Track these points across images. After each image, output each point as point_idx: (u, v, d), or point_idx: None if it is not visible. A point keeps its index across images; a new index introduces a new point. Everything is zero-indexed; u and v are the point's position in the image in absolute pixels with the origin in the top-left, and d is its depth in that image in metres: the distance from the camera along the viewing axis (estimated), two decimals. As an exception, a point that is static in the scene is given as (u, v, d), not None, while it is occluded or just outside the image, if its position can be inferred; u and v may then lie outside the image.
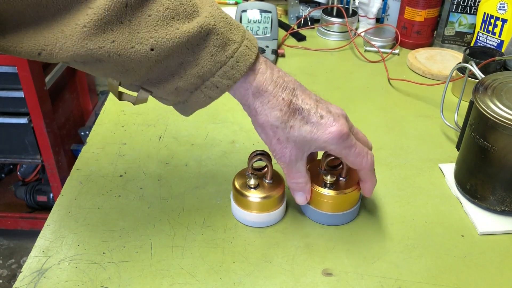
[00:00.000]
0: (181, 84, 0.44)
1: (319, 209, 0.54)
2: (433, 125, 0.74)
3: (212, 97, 0.46)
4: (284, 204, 0.55)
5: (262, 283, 0.48)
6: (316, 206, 0.54)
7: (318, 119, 0.47)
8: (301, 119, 0.47)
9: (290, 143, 0.47)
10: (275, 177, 0.55)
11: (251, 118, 0.48)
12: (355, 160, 0.49)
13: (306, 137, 0.47)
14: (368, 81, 0.87)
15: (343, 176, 0.54)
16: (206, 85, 0.45)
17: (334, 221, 0.55)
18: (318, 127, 0.47)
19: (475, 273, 0.50)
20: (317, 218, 0.55)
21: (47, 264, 0.49)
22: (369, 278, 0.49)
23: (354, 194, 0.54)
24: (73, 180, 0.61)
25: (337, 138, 0.47)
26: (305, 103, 0.47)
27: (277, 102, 0.46)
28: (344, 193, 0.53)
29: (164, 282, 0.48)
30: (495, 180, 0.55)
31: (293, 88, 0.47)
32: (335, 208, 0.54)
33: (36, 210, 1.67)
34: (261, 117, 0.47)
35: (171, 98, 0.46)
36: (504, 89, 0.55)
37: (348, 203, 0.54)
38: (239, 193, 0.53)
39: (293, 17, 1.10)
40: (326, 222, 0.55)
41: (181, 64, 0.43)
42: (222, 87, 0.45)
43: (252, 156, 0.52)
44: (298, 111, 0.47)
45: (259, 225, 0.55)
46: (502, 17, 0.84)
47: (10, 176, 1.78)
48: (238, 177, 0.55)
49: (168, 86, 0.44)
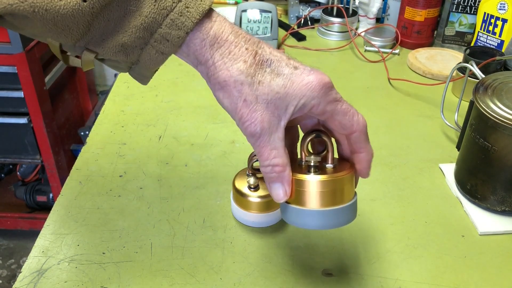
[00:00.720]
0: (126, 39, 0.38)
1: (303, 207, 0.40)
2: (433, 125, 0.74)
3: (165, 52, 0.39)
4: None
5: (262, 283, 0.48)
6: (298, 202, 0.40)
7: (291, 69, 0.39)
8: (271, 72, 0.38)
9: (261, 104, 0.38)
10: None
11: (210, 81, 0.39)
12: (343, 119, 0.39)
13: (279, 93, 0.38)
14: (368, 81, 0.87)
15: (330, 163, 0.42)
16: (155, 38, 0.38)
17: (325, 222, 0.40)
18: (292, 79, 0.39)
19: (475, 273, 0.50)
20: (302, 221, 0.40)
21: (47, 264, 0.49)
22: (369, 278, 0.49)
23: (348, 179, 0.40)
24: (73, 180, 0.61)
25: (318, 89, 0.38)
26: (273, 55, 0.39)
27: (240, 52, 0.38)
28: (335, 176, 0.40)
29: (164, 282, 0.48)
30: (496, 180, 0.55)
31: (257, 41, 0.40)
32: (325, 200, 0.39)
33: (36, 210, 1.67)
34: (222, 72, 0.38)
35: (121, 59, 0.39)
36: (505, 89, 0.55)
37: (342, 192, 0.40)
38: (239, 193, 0.53)
39: (293, 17, 1.10)
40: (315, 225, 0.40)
41: (123, 16, 0.37)
42: (173, 40, 0.38)
43: (252, 156, 0.52)
44: (266, 62, 0.39)
45: (259, 225, 0.54)
46: (502, 17, 0.84)
47: (10, 176, 1.78)
48: (238, 177, 0.55)
49: (113, 43, 0.38)
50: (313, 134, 0.41)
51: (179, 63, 0.91)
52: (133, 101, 0.78)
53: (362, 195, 0.60)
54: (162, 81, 0.85)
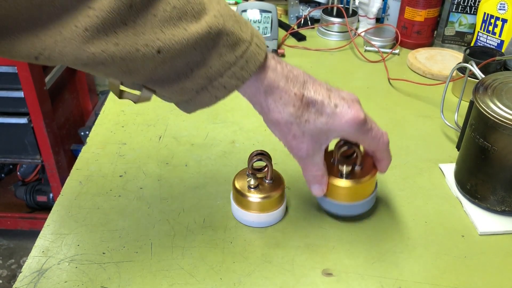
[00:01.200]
0: (187, 84, 0.42)
1: (336, 201, 0.54)
2: (433, 125, 0.74)
3: (219, 96, 0.44)
4: (284, 204, 0.55)
5: (262, 283, 0.48)
6: (333, 197, 0.54)
7: (332, 109, 0.45)
8: (316, 112, 0.45)
9: (306, 137, 0.46)
10: (275, 177, 0.55)
11: (263, 117, 0.47)
12: (371, 143, 0.49)
13: (322, 129, 0.46)
14: (368, 81, 0.87)
15: (358, 165, 0.53)
16: (213, 85, 0.43)
17: (351, 211, 0.55)
18: (333, 117, 0.45)
19: (475, 273, 0.50)
20: (335, 210, 0.55)
21: (47, 264, 0.49)
22: (369, 278, 0.49)
23: (371, 182, 0.54)
24: (73, 180, 0.61)
25: (354, 126, 0.46)
26: (318, 94, 0.45)
27: (290, 98, 0.45)
28: (360, 182, 0.52)
29: (164, 282, 0.48)
30: (495, 180, 0.55)
31: (303, 81, 0.46)
32: (352, 198, 0.53)
33: (36, 210, 1.67)
34: (275, 114, 0.45)
35: (175, 97, 0.44)
36: (504, 89, 0.55)
37: (365, 192, 0.54)
38: (239, 193, 0.53)
39: (293, 17, 1.10)
40: (344, 213, 0.55)
41: (187, 64, 0.41)
42: (230, 87, 0.43)
43: (252, 156, 0.52)
44: (312, 103, 0.45)
45: (259, 225, 0.55)
46: (502, 17, 0.84)
47: (10, 176, 1.78)
48: (238, 177, 0.55)
49: (174, 86, 0.42)
50: (345, 147, 0.51)
51: (179, 63, 0.91)
52: (133, 101, 0.78)
53: (362, 195, 0.60)
54: (162, 81, 0.85)
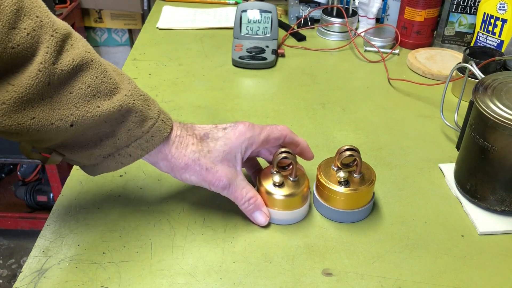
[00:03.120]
0: (95, 151, 0.46)
1: (333, 207, 0.55)
2: (433, 125, 0.74)
3: (124, 163, 0.48)
4: (308, 202, 0.56)
5: (262, 283, 0.48)
6: (330, 203, 0.55)
7: (223, 132, 0.51)
8: (211, 140, 0.50)
9: (217, 165, 0.50)
10: (300, 175, 0.55)
11: (173, 170, 0.50)
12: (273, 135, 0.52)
13: (225, 151, 0.50)
14: (368, 81, 0.87)
15: (357, 174, 0.54)
16: (120, 153, 0.47)
17: (347, 219, 0.55)
18: (227, 137, 0.50)
19: (475, 273, 0.50)
20: (330, 215, 0.56)
21: (47, 264, 0.49)
22: (369, 278, 0.49)
23: (367, 191, 0.54)
24: (73, 180, 0.61)
25: (247, 132, 0.50)
26: (205, 129, 0.51)
27: (187, 140, 0.50)
28: (357, 190, 0.53)
29: (164, 282, 0.48)
30: (495, 180, 0.55)
31: (190, 125, 0.52)
32: (348, 205, 0.54)
33: (36, 210, 1.67)
34: (181, 159, 0.49)
35: (83, 161, 0.48)
36: (504, 89, 0.55)
37: (361, 200, 0.55)
38: (264, 190, 0.54)
39: (293, 17, 1.10)
40: (339, 219, 0.56)
41: (97, 134, 0.45)
42: (135, 156, 0.48)
43: (278, 154, 0.53)
44: (205, 136, 0.51)
45: (283, 223, 0.55)
46: (502, 17, 0.85)
47: (10, 176, 1.78)
48: (263, 175, 0.55)
49: (83, 153, 0.46)
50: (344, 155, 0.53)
51: (179, 63, 0.92)
52: (133, 101, 0.78)
53: (362, 195, 0.60)
54: (162, 81, 0.85)
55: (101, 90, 0.43)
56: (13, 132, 0.39)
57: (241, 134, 0.51)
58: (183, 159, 0.49)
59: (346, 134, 0.72)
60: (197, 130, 0.51)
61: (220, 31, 1.07)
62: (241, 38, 0.96)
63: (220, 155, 0.50)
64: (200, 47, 0.99)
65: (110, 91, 0.44)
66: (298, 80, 0.87)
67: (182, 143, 0.50)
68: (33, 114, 0.39)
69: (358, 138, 0.71)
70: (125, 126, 0.46)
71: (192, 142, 0.50)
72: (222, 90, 0.83)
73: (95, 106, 0.43)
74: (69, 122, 0.41)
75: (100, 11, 1.88)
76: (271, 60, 0.91)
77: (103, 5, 1.83)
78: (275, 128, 0.53)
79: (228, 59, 0.93)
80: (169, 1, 1.22)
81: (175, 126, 0.51)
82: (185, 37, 1.04)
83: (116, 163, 0.48)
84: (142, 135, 0.47)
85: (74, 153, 0.46)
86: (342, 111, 0.77)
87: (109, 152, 0.47)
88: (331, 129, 0.73)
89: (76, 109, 0.42)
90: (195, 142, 0.50)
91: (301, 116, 0.76)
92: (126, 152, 0.47)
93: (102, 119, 0.44)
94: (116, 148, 0.47)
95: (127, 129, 0.46)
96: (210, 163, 0.49)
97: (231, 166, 0.51)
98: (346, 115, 0.76)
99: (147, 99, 0.48)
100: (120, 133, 0.46)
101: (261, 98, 0.81)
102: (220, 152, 0.50)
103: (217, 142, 0.50)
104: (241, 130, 0.51)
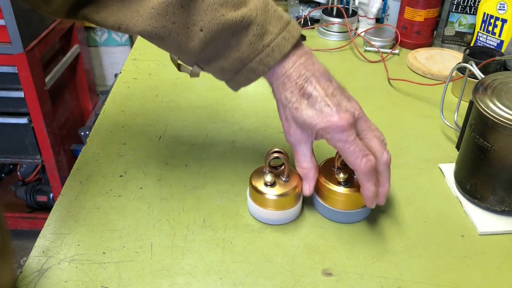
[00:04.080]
0: (225, 65, 0.50)
1: (333, 207, 0.55)
2: (433, 125, 0.74)
3: (251, 78, 0.51)
4: (300, 202, 0.56)
5: (262, 283, 0.48)
6: (330, 204, 0.55)
7: (322, 107, 0.49)
8: (307, 104, 0.49)
9: (294, 123, 0.51)
10: (292, 175, 0.55)
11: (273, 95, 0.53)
12: (349, 158, 0.49)
13: (306, 121, 0.49)
14: (368, 81, 0.87)
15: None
16: (246, 68, 0.50)
17: (346, 219, 0.55)
18: (319, 114, 0.49)
19: (475, 273, 0.50)
20: (329, 216, 0.56)
21: (47, 264, 0.49)
22: (369, 278, 0.49)
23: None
24: (73, 180, 0.61)
25: (332, 128, 0.48)
26: (316, 91, 0.49)
27: (290, 85, 0.50)
28: (356, 191, 0.53)
29: (164, 282, 0.48)
30: (495, 180, 0.55)
31: (312, 75, 0.50)
32: (347, 205, 0.54)
33: (36, 210, 1.67)
34: (277, 94, 0.51)
35: (219, 76, 0.52)
36: (504, 89, 0.55)
37: (361, 201, 0.54)
38: (256, 190, 0.54)
39: (293, 17, 1.10)
40: (338, 220, 0.56)
41: (226, 47, 0.48)
42: (258, 72, 0.50)
43: (269, 154, 0.53)
44: (307, 95, 0.49)
45: (274, 223, 0.55)
46: (502, 17, 0.85)
47: (10, 176, 1.78)
48: (255, 174, 0.55)
49: (216, 66, 0.50)
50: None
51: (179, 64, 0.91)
52: (133, 101, 0.78)
53: (362, 195, 0.60)
54: (162, 81, 0.85)
55: (229, 1, 0.47)
56: (159, 36, 0.46)
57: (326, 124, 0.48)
58: (277, 96, 0.51)
59: (346, 134, 0.72)
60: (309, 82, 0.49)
61: (220, 31, 1.07)
62: (241, 38, 0.96)
63: (300, 120, 0.50)
64: (200, 47, 0.99)
65: (238, 3, 0.47)
66: (298, 80, 0.87)
67: (284, 84, 0.50)
68: (174, 19, 0.45)
69: (358, 138, 0.71)
70: (247, 39, 0.48)
71: (292, 91, 0.50)
72: (222, 90, 0.83)
73: (220, 14, 0.46)
74: (199, 26, 0.46)
75: (100, 11, 1.88)
76: (271, 60, 0.91)
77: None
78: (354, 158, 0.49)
79: (228, 59, 0.93)
80: (169, 1, 1.22)
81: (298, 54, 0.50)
82: (185, 37, 1.03)
83: (245, 79, 0.51)
84: (263, 49, 0.48)
85: (209, 66, 0.51)
86: (342, 111, 0.77)
87: (237, 67, 0.50)
88: (331, 129, 0.73)
89: (205, 15, 0.46)
90: (295, 92, 0.49)
91: (301, 116, 0.76)
92: (250, 68, 0.49)
93: (226, 29, 0.47)
94: (242, 63, 0.49)
95: (249, 43, 0.48)
96: (291, 116, 0.50)
97: (304, 133, 0.51)
98: (346, 115, 0.76)
99: (272, 15, 0.49)
100: (244, 46, 0.48)
101: (261, 98, 0.81)
102: (302, 119, 0.49)
103: (308, 109, 0.49)
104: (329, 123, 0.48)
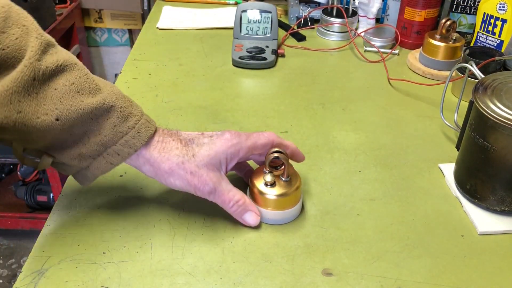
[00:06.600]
0: (84, 150, 0.47)
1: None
2: (433, 125, 0.74)
3: (114, 163, 0.49)
4: (300, 202, 0.56)
5: (262, 283, 0.48)
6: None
7: (208, 138, 0.52)
8: (197, 145, 0.51)
9: (202, 169, 0.50)
10: (292, 175, 0.55)
11: (158, 174, 0.50)
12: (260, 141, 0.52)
13: (210, 154, 0.50)
14: (368, 81, 0.87)
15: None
16: (108, 152, 0.48)
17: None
18: (212, 143, 0.51)
19: (475, 273, 0.50)
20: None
21: (47, 264, 0.49)
22: (369, 278, 0.49)
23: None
24: (73, 180, 0.61)
25: (233, 139, 0.51)
26: (190, 135, 0.52)
27: (171, 145, 0.50)
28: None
29: (164, 282, 0.48)
30: (495, 180, 0.55)
31: (175, 131, 0.52)
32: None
33: (36, 210, 1.67)
34: (164, 164, 0.49)
35: (74, 164, 0.49)
36: (504, 89, 0.55)
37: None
38: (256, 190, 0.54)
39: (293, 17, 1.10)
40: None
41: (85, 132, 0.47)
42: (123, 155, 0.49)
43: (270, 154, 0.53)
44: (190, 141, 0.51)
45: (274, 223, 0.55)
46: (502, 17, 0.85)
47: (10, 176, 1.78)
48: (255, 174, 0.55)
49: (71, 153, 0.47)
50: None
51: (179, 64, 0.92)
52: (133, 101, 0.78)
53: (361, 194, 0.60)
54: (162, 81, 0.85)
55: (84, 88, 0.45)
56: (1, 127, 0.41)
57: (227, 141, 0.51)
58: (167, 163, 0.49)
59: (346, 134, 0.72)
60: (182, 135, 0.52)
61: (220, 31, 1.07)
62: (241, 38, 0.96)
63: (205, 159, 0.50)
64: (200, 47, 0.99)
65: (94, 90, 0.46)
66: (298, 80, 0.87)
67: (165, 148, 0.50)
68: (20, 108, 0.41)
69: (358, 138, 0.71)
70: (110, 122, 0.47)
71: (176, 147, 0.50)
72: (222, 90, 0.83)
73: (79, 100, 0.45)
74: (54, 116, 0.43)
75: (100, 11, 1.89)
76: (271, 60, 0.91)
77: (103, 5, 1.83)
78: (261, 135, 0.53)
79: (228, 59, 0.93)
80: (169, 1, 1.22)
81: (159, 131, 0.51)
82: (185, 37, 1.04)
83: (106, 163, 0.49)
84: (128, 131, 0.48)
85: (63, 153, 0.47)
86: (342, 111, 0.78)
87: (98, 152, 0.48)
88: (331, 129, 0.73)
89: (60, 103, 0.44)
90: (180, 146, 0.50)
91: (301, 116, 0.76)
92: (114, 151, 0.48)
93: (87, 114, 0.45)
94: (104, 147, 0.48)
95: (112, 125, 0.47)
96: (195, 167, 0.49)
97: (215, 170, 0.51)
98: (346, 115, 0.76)
99: (129, 100, 0.50)
100: (106, 129, 0.47)
101: (261, 98, 0.81)
102: (205, 156, 0.50)
103: (202, 147, 0.50)
104: (227, 137, 0.51)
